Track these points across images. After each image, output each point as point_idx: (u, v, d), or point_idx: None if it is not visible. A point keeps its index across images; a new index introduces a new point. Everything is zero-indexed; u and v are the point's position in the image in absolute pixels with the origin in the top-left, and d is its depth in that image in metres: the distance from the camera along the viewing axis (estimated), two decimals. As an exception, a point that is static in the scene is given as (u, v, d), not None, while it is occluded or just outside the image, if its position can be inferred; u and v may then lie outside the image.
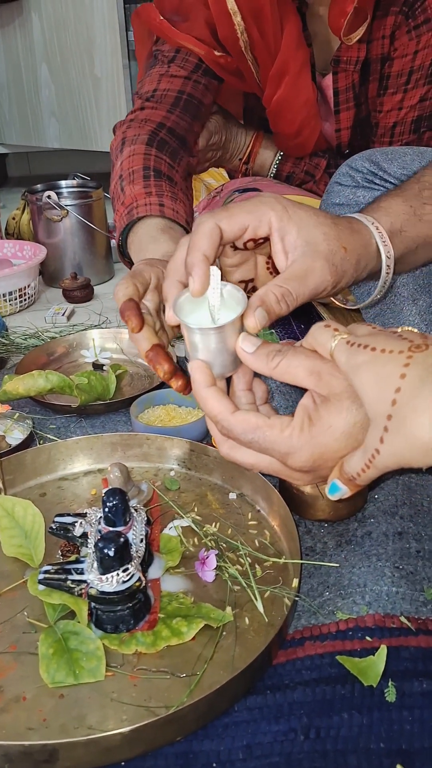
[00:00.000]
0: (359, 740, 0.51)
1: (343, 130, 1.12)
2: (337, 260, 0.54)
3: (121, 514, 0.60)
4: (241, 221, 0.53)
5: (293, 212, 0.54)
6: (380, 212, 0.60)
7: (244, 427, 0.51)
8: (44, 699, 0.53)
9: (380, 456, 0.46)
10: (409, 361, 0.44)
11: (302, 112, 1.09)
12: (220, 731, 0.52)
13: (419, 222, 0.61)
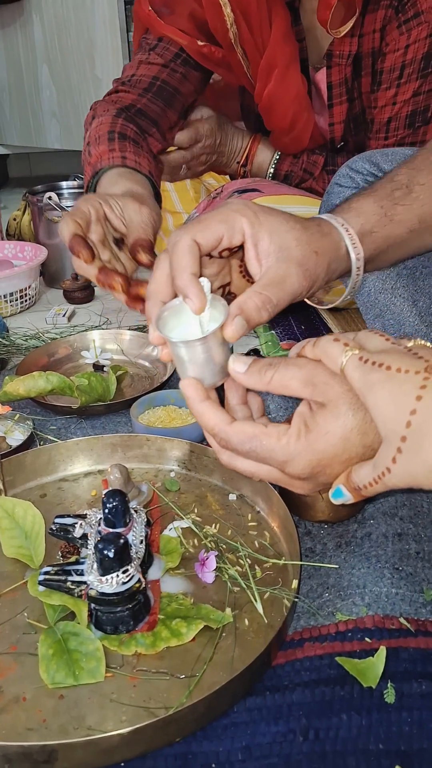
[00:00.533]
0: (358, 741, 0.51)
1: (336, 125, 1.13)
2: (311, 265, 0.55)
3: (121, 515, 0.60)
4: (216, 232, 0.54)
5: (264, 218, 0.54)
6: (351, 213, 0.60)
7: (242, 438, 0.51)
8: (44, 699, 0.54)
9: (391, 475, 0.46)
10: (426, 383, 0.44)
11: (293, 106, 1.10)
12: (220, 732, 0.52)
13: (390, 222, 0.61)
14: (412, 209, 0.62)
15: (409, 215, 0.62)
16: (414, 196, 0.62)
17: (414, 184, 0.63)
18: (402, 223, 0.62)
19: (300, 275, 0.54)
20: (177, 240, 0.53)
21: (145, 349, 1.16)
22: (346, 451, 0.49)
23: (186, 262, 0.52)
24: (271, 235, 0.54)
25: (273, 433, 0.50)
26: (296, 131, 1.14)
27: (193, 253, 0.53)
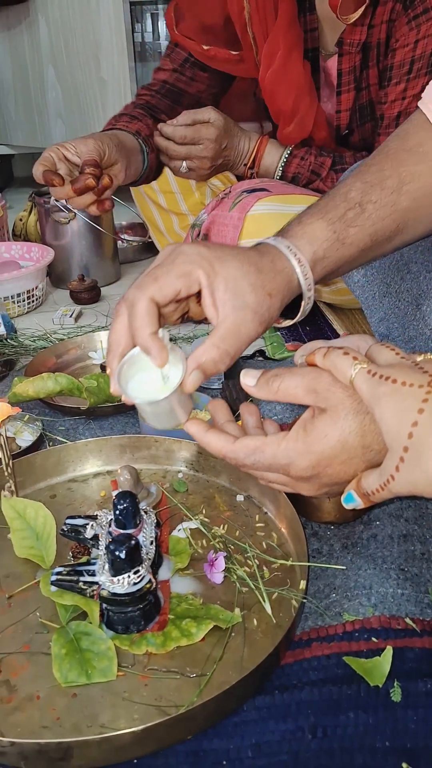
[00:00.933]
0: (365, 739, 0.52)
1: (343, 112, 1.17)
2: (264, 309, 0.57)
3: (131, 516, 0.61)
4: (173, 288, 0.55)
5: (220, 267, 0.56)
6: (303, 240, 0.60)
7: (246, 452, 0.55)
8: (57, 698, 0.55)
9: (394, 482, 0.48)
10: (428, 397, 0.46)
11: (295, 89, 1.14)
12: (230, 730, 0.53)
13: (342, 246, 0.62)
14: (365, 229, 0.63)
15: (362, 235, 0.63)
16: (366, 215, 0.62)
17: (367, 202, 0.63)
18: (354, 245, 0.63)
19: (255, 322, 0.56)
20: (135, 301, 0.55)
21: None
22: (345, 452, 0.51)
23: (145, 323, 0.55)
24: (226, 283, 0.55)
25: (273, 441, 0.54)
26: (299, 115, 1.16)
27: (150, 314, 0.55)
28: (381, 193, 0.63)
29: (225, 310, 0.55)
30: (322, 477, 0.53)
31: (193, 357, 0.56)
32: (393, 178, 0.63)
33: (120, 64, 2.15)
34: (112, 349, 0.58)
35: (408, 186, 0.63)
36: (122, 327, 0.58)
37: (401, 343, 0.80)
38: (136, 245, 1.84)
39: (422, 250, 0.79)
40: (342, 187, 0.64)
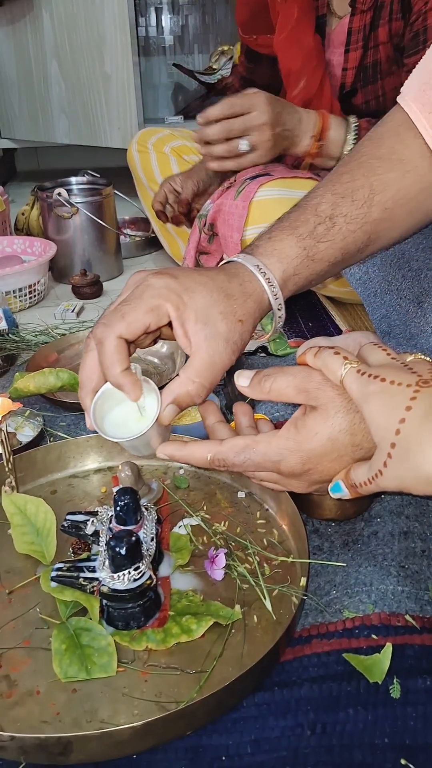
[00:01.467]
0: (364, 735, 0.52)
1: (349, 70, 1.20)
2: (236, 337, 0.56)
3: (132, 512, 0.61)
4: (141, 323, 0.55)
5: (188, 298, 0.55)
6: (273, 258, 0.60)
7: (235, 451, 0.55)
8: (57, 693, 0.55)
9: (382, 477, 0.49)
10: (416, 395, 0.47)
11: (304, 52, 1.21)
12: (229, 726, 0.53)
13: (312, 262, 0.61)
14: (335, 243, 0.62)
15: (332, 250, 0.62)
16: (337, 229, 0.62)
17: (337, 216, 0.62)
18: (324, 260, 0.62)
19: (228, 350, 0.56)
20: (103, 340, 0.55)
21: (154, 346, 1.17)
22: (335, 450, 0.53)
23: (115, 361, 0.55)
24: (196, 313, 0.55)
25: (263, 439, 0.54)
26: (306, 77, 1.21)
27: (120, 352, 0.55)
28: (351, 205, 0.62)
29: (197, 340, 0.55)
30: (313, 474, 0.54)
31: (169, 391, 0.56)
32: (364, 188, 0.62)
33: (124, 58, 2.15)
34: (84, 386, 0.58)
35: (379, 196, 0.62)
36: (93, 363, 0.57)
37: (402, 340, 0.79)
38: (138, 240, 1.84)
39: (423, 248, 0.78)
40: (312, 199, 0.63)
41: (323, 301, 1.41)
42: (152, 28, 2.93)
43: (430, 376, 0.48)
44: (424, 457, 0.45)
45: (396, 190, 0.63)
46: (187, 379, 0.55)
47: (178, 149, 1.62)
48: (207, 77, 2.78)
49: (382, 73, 1.17)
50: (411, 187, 0.63)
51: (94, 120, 2.36)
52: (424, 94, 0.62)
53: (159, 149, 1.62)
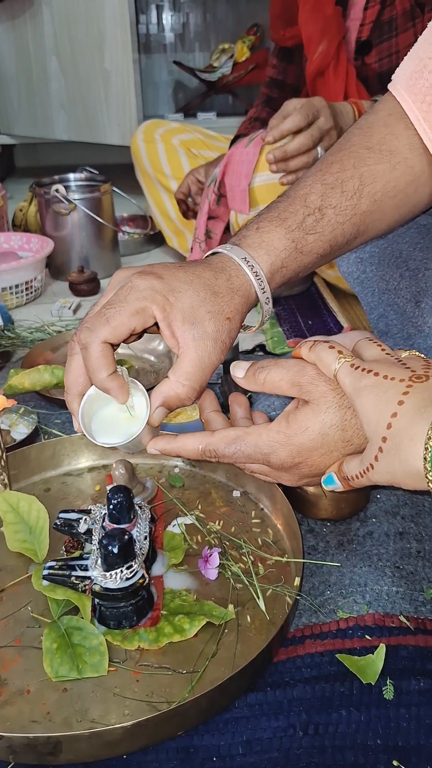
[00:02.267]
0: (357, 736, 0.52)
1: (366, 25, 1.25)
2: (224, 335, 0.55)
3: (125, 511, 0.61)
4: (126, 328, 0.53)
5: (175, 298, 0.53)
6: (261, 250, 0.58)
7: (226, 441, 0.55)
8: (48, 692, 0.54)
9: (374, 471, 0.49)
10: (409, 390, 0.47)
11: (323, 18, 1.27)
12: (221, 726, 0.53)
13: (300, 255, 0.60)
14: (324, 236, 0.61)
15: (320, 242, 0.61)
16: (326, 221, 0.61)
17: (326, 207, 0.61)
18: (313, 252, 0.61)
19: (217, 349, 0.55)
20: (87, 345, 0.53)
21: (150, 344, 1.16)
22: (325, 445, 0.53)
23: (101, 365, 0.53)
24: (183, 314, 0.53)
25: (255, 431, 0.55)
26: (325, 41, 1.26)
27: (105, 356, 0.53)
28: (341, 197, 0.61)
29: (185, 340, 0.54)
30: (302, 468, 0.54)
31: (158, 393, 0.55)
32: (354, 179, 0.61)
33: (124, 55, 2.14)
34: (70, 390, 0.57)
35: (368, 188, 0.62)
36: (78, 367, 0.56)
37: (400, 340, 0.79)
38: (137, 237, 1.83)
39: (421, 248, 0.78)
40: (301, 189, 0.62)
41: (324, 294, 1.40)
42: (153, 25, 2.92)
43: (423, 372, 0.48)
44: (414, 452, 0.45)
45: (385, 181, 0.62)
46: (176, 381, 0.55)
47: (187, 142, 1.62)
48: (207, 75, 2.78)
49: (398, 29, 1.21)
50: (400, 179, 0.63)
51: (93, 117, 2.35)
52: (415, 84, 0.61)
53: (167, 140, 1.61)
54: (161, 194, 1.62)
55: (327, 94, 1.29)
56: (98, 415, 0.58)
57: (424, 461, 0.44)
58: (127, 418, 0.58)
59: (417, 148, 0.62)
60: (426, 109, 0.60)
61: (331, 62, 1.26)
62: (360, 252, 0.86)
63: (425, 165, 0.63)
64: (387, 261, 0.81)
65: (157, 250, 1.83)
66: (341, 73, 1.26)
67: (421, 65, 0.61)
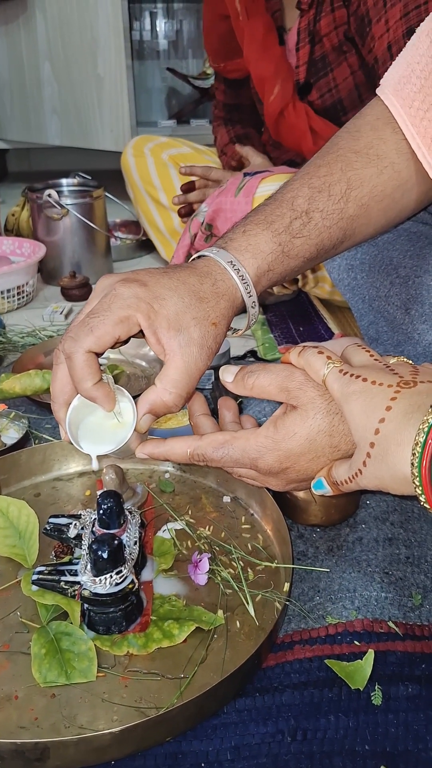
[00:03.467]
0: (345, 742, 0.52)
1: (300, 66, 1.26)
2: (210, 341, 0.55)
3: (115, 516, 0.61)
4: (110, 337, 0.53)
5: (159, 306, 0.53)
6: (248, 254, 0.58)
7: (214, 446, 0.55)
8: (36, 698, 0.54)
9: (362, 476, 0.49)
10: (396, 396, 0.47)
11: (275, 59, 1.28)
12: (209, 732, 0.53)
13: (287, 258, 0.60)
14: (310, 239, 0.60)
15: (307, 246, 0.60)
16: (313, 224, 0.60)
17: (313, 211, 0.60)
18: (299, 256, 0.60)
19: (203, 355, 0.55)
20: (71, 354, 0.53)
21: (141, 349, 1.17)
22: (312, 451, 0.53)
23: (86, 374, 0.53)
24: (168, 321, 0.53)
25: (243, 436, 0.55)
26: (280, 80, 1.28)
27: (89, 365, 0.53)
28: (328, 201, 0.61)
29: (171, 347, 0.53)
30: (290, 473, 0.55)
31: (145, 400, 0.55)
32: (341, 183, 0.61)
33: (117, 61, 2.15)
34: (56, 399, 0.57)
35: (356, 192, 0.61)
36: (63, 376, 0.56)
37: (390, 347, 0.80)
38: (129, 243, 1.84)
39: (411, 256, 0.79)
40: (288, 192, 0.61)
41: (315, 304, 1.41)
42: (147, 32, 2.93)
43: (410, 378, 0.48)
44: (402, 458, 0.45)
45: (372, 186, 0.62)
46: (163, 389, 0.54)
47: (176, 157, 1.63)
48: (200, 82, 2.79)
49: (331, 64, 1.23)
50: (387, 184, 0.63)
51: (86, 122, 2.36)
52: (403, 88, 0.61)
53: (157, 155, 1.62)
54: (150, 206, 1.63)
55: (292, 133, 1.32)
56: (85, 423, 0.58)
57: (411, 467, 0.45)
58: (114, 425, 0.58)
59: (404, 152, 0.62)
60: (414, 114, 0.60)
61: (290, 102, 1.28)
62: (351, 259, 0.86)
63: (412, 170, 0.63)
64: (377, 268, 0.82)
65: (148, 256, 1.83)
66: (301, 111, 1.28)
67: (409, 70, 0.61)
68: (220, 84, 1.60)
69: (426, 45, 0.60)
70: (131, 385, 1.08)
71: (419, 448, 0.44)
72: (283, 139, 1.36)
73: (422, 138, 0.60)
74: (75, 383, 0.54)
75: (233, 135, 1.55)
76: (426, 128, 0.60)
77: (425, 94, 0.59)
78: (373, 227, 0.65)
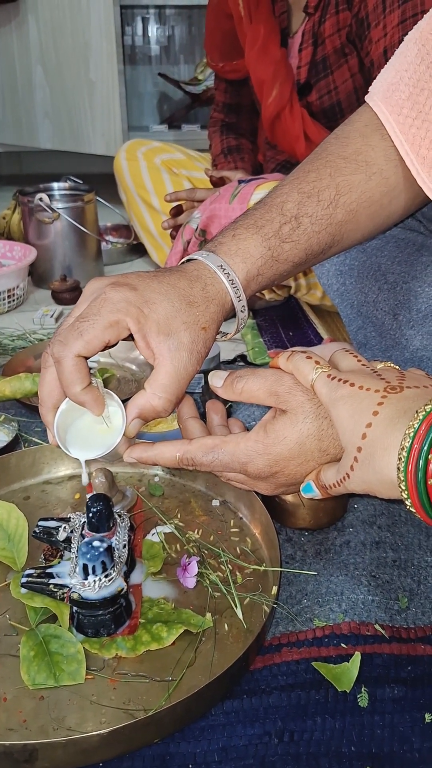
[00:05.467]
0: (331, 744, 0.52)
1: (302, 67, 1.28)
2: (200, 345, 0.55)
3: (105, 519, 0.61)
4: (100, 341, 0.53)
5: (149, 310, 0.53)
6: (237, 258, 0.58)
7: (204, 450, 0.56)
8: (24, 700, 0.54)
9: (349, 480, 0.50)
10: (383, 401, 0.48)
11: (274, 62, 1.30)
12: (197, 734, 0.53)
13: (276, 263, 0.60)
14: (299, 244, 0.61)
15: (296, 251, 0.61)
16: (302, 230, 0.61)
17: (302, 216, 0.61)
18: (288, 261, 0.61)
19: (192, 360, 0.55)
20: (60, 359, 0.53)
21: (131, 353, 1.17)
22: (302, 455, 0.54)
23: (75, 379, 0.53)
24: (158, 325, 0.53)
25: (232, 440, 0.55)
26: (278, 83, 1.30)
27: (79, 370, 0.53)
28: (317, 206, 0.61)
29: (161, 351, 0.54)
30: (279, 477, 0.55)
31: (134, 405, 0.55)
32: (330, 188, 0.62)
33: (109, 66, 2.15)
34: (44, 402, 0.57)
35: (344, 198, 0.62)
36: (51, 380, 0.56)
37: (378, 352, 0.80)
38: (120, 247, 1.84)
39: (399, 262, 0.79)
40: (278, 197, 0.62)
41: (305, 309, 1.42)
42: (139, 37, 2.94)
43: (397, 383, 0.49)
44: (388, 462, 0.46)
45: (361, 192, 0.63)
46: (153, 394, 0.54)
47: (169, 162, 1.64)
48: (192, 87, 2.80)
49: (332, 66, 1.25)
50: (375, 190, 0.63)
51: (78, 126, 2.36)
52: (392, 95, 0.62)
53: (150, 159, 1.63)
54: (142, 210, 1.64)
55: (286, 136, 1.34)
56: (74, 427, 0.58)
57: (397, 471, 0.45)
58: (103, 430, 0.58)
59: (392, 159, 0.63)
60: (402, 121, 0.61)
61: (287, 105, 1.30)
62: (340, 265, 0.87)
63: (400, 176, 0.64)
64: (366, 274, 0.82)
65: (139, 260, 1.84)
66: (297, 115, 1.30)
67: (398, 78, 0.62)
68: (220, 83, 1.61)
69: (414, 53, 0.61)
70: (121, 388, 1.08)
71: (405, 452, 0.45)
72: (278, 141, 1.37)
73: (410, 145, 0.61)
74: (64, 387, 0.54)
75: (225, 146, 1.57)
76: (414, 135, 0.61)
77: (413, 101, 0.60)
78: (361, 233, 0.66)
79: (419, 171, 0.61)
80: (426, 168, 0.60)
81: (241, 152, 1.55)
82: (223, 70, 1.52)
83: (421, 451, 0.44)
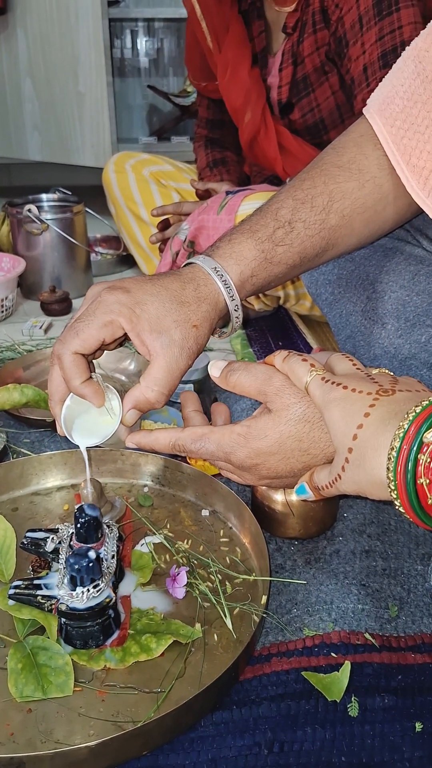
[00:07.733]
0: (321, 754, 0.52)
1: (283, 87, 1.29)
2: (191, 342, 0.59)
3: (93, 530, 0.61)
4: (95, 339, 0.57)
5: (141, 310, 0.57)
6: (231, 260, 0.62)
7: (192, 438, 0.59)
8: (12, 713, 0.54)
9: (341, 481, 0.51)
10: (375, 403, 0.49)
11: (244, 90, 1.33)
12: (186, 745, 0.53)
13: (270, 265, 0.63)
14: (293, 248, 0.64)
15: (290, 254, 0.64)
16: (295, 233, 0.63)
17: (296, 221, 0.64)
18: (282, 263, 0.64)
19: (184, 356, 0.59)
20: (60, 355, 0.58)
21: (121, 364, 1.17)
22: (281, 452, 0.56)
23: (74, 374, 0.58)
24: (150, 324, 0.57)
25: (219, 431, 0.58)
26: (250, 108, 1.33)
27: (78, 366, 0.58)
28: (311, 211, 0.64)
29: (154, 347, 0.58)
30: (261, 469, 0.58)
31: (129, 397, 0.59)
32: (323, 195, 0.65)
33: (98, 78, 2.16)
34: (52, 396, 0.62)
35: (337, 204, 0.65)
36: (57, 376, 0.61)
37: (367, 361, 0.81)
38: (109, 258, 1.84)
39: (387, 271, 0.80)
40: (273, 204, 0.65)
41: (294, 319, 1.42)
42: (128, 50, 2.96)
43: (389, 386, 0.50)
44: (378, 463, 0.47)
45: (354, 198, 0.65)
46: (146, 387, 0.59)
47: (157, 173, 1.65)
48: (181, 99, 2.82)
49: (313, 85, 1.26)
50: (368, 197, 0.66)
51: (67, 138, 2.37)
52: (387, 108, 0.65)
53: (138, 171, 1.64)
54: (131, 222, 1.64)
55: (264, 157, 1.37)
56: (80, 420, 0.64)
57: (387, 471, 0.46)
58: (105, 421, 0.63)
59: (385, 168, 0.66)
60: (395, 133, 0.64)
61: (261, 127, 1.32)
62: (329, 274, 0.88)
63: (393, 184, 0.66)
64: (354, 283, 0.83)
65: (129, 271, 1.84)
66: (271, 136, 1.32)
67: (393, 91, 0.65)
68: (203, 99, 1.62)
69: (411, 69, 0.64)
70: (111, 399, 1.08)
71: (394, 453, 0.45)
72: (259, 161, 1.41)
73: (401, 155, 0.63)
74: (66, 382, 0.59)
75: (210, 159, 1.59)
76: (405, 146, 0.63)
77: (407, 114, 0.63)
78: (357, 238, 0.69)
79: (409, 179, 0.63)
80: (415, 176, 0.62)
81: (226, 164, 1.57)
82: (206, 89, 1.55)
83: (410, 452, 0.44)
